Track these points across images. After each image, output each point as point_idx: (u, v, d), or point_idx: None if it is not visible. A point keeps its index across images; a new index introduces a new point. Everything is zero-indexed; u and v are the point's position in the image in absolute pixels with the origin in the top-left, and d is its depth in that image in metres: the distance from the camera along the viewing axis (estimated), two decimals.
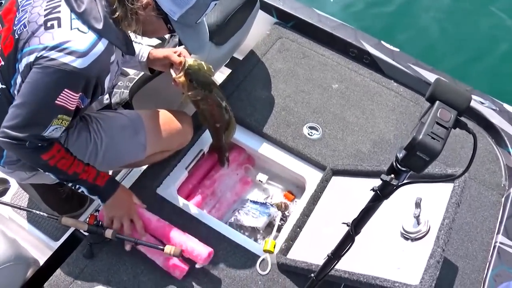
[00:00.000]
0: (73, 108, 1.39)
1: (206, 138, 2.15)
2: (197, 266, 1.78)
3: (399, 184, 0.90)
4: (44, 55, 1.29)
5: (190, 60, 1.69)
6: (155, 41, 2.53)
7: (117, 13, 1.36)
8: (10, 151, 1.45)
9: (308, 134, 2.18)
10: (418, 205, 1.61)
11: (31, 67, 1.33)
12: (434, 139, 0.79)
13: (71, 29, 1.30)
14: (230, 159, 2.18)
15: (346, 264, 1.62)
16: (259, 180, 2.20)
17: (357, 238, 1.51)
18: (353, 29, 2.52)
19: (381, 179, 0.90)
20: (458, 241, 1.94)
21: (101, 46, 1.33)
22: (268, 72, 2.39)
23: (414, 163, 0.82)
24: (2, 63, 1.42)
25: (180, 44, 1.91)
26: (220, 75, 2.57)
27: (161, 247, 1.69)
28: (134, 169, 2.14)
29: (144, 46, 1.79)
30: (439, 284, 1.79)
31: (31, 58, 1.32)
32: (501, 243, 1.94)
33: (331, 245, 1.32)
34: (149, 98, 2.02)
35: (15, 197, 2.08)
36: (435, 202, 1.66)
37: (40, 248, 2.02)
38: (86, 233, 1.83)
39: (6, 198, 2.08)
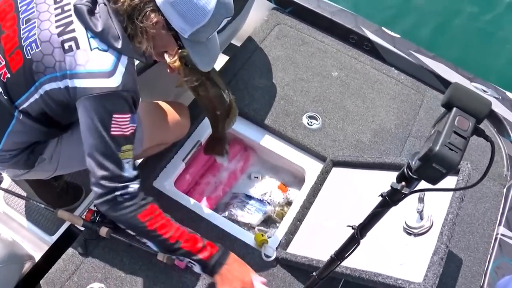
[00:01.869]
0: (130, 134, 1.36)
1: (204, 129, 2.11)
2: None
3: (410, 191, 0.86)
4: (76, 85, 1.28)
5: None
6: None
7: (128, 31, 1.32)
8: (110, 213, 1.40)
9: (308, 124, 2.13)
10: (421, 200, 1.57)
11: (61, 95, 1.34)
12: (451, 150, 0.74)
13: (91, 49, 1.27)
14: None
15: (348, 260, 1.59)
16: (255, 177, 2.17)
17: None
18: (353, 14, 2.46)
19: (392, 187, 0.86)
20: (459, 233, 1.92)
21: (124, 63, 1.31)
22: (266, 59, 2.33)
23: (430, 174, 0.78)
24: (8, 75, 1.37)
25: None
26: (218, 62, 2.50)
27: (154, 251, 1.61)
28: None
29: None
30: (441, 276, 1.79)
31: (61, 84, 1.31)
32: (502, 235, 1.92)
33: (332, 239, 1.29)
34: (144, 89, 1.95)
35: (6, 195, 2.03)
36: (439, 197, 1.63)
37: (35, 243, 1.98)
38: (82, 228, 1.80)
39: None
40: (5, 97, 1.40)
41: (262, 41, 2.39)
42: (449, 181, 1.66)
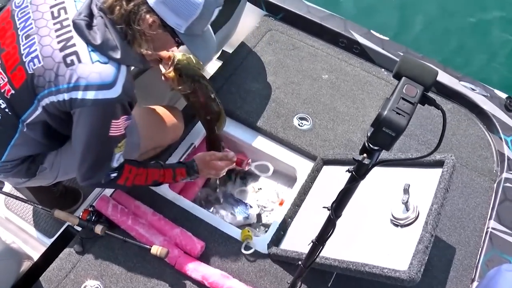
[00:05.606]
0: (125, 131, 1.47)
1: (197, 132, 2.16)
2: None
3: (373, 163, 0.90)
4: (77, 97, 1.33)
5: (178, 55, 1.71)
6: None
7: (128, 37, 1.37)
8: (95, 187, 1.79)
9: (299, 125, 2.18)
10: (406, 191, 1.61)
11: (60, 107, 1.38)
12: (399, 114, 0.79)
13: (93, 62, 1.32)
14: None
15: (336, 252, 1.63)
16: (259, 188, 2.22)
17: (347, 225, 1.52)
18: (342, 19, 2.52)
19: (354, 159, 0.91)
20: (450, 227, 1.94)
21: (124, 72, 1.37)
22: (258, 64, 2.40)
23: (381, 139, 0.82)
24: (12, 91, 1.42)
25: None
26: (212, 67, 2.58)
27: (148, 246, 1.71)
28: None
29: None
30: (432, 270, 1.81)
31: (60, 97, 1.35)
32: (493, 228, 1.94)
33: None
34: (139, 94, 2.02)
35: (8, 198, 2.09)
36: (424, 188, 1.66)
37: (34, 246, 2.03)
38: (79, 228, 1.85)
39: (0, 198, 2.09)
40: (10, 113, 1.45)
41: (254, 47, 2.46)
42: (434, 173, 1.70)
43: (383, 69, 2.44)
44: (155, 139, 1.91)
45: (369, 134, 0.84)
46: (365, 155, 0.89)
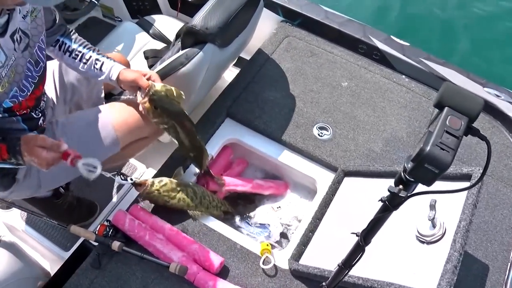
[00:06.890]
0: None
1: (215, 143, 2.13)
2: None
3: (408, 195, 0.85)
4: None
5: (158, 86, 1.63)
6: (161, 45, 2.51)
7: None
8: None
9: (318, 135, 2.13)
10: (432, 207, 1.55)
11: None
12: (443, 150, 0.73)
13: None
14: None
15: (360, 270, 1.57)
16: (278, 207, 2.16)
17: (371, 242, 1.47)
18: (362, 24, 2.46)
19: (389, 191, 0.85)
20: (476, 241, 1.87)
21: None
22: (276, 72, 2.35)
23: (422, 175, 0.77)
24: None
25: (183, 48, 1.86)
26: (229, 74, 2.53)
27: (166, 263, 1.67)
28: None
29: (116, 64, 1.72)
30: (458, 286, 1.75)
31: None
32: None
33: (344, 250, 1.27)
34: None
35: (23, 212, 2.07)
36: (451, 204, 1.60)
37: (51, 259, 2.01)
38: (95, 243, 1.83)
39: (15, 212, 2.07)
40: None
41: (272, 54, 2.42)
42: (461, 187, 1.63)
43: (403, 76, 2.37)
44: (133, 131, 1.81)
45: (408, 167, 0.79)
46: (401, 186, 0.84)
